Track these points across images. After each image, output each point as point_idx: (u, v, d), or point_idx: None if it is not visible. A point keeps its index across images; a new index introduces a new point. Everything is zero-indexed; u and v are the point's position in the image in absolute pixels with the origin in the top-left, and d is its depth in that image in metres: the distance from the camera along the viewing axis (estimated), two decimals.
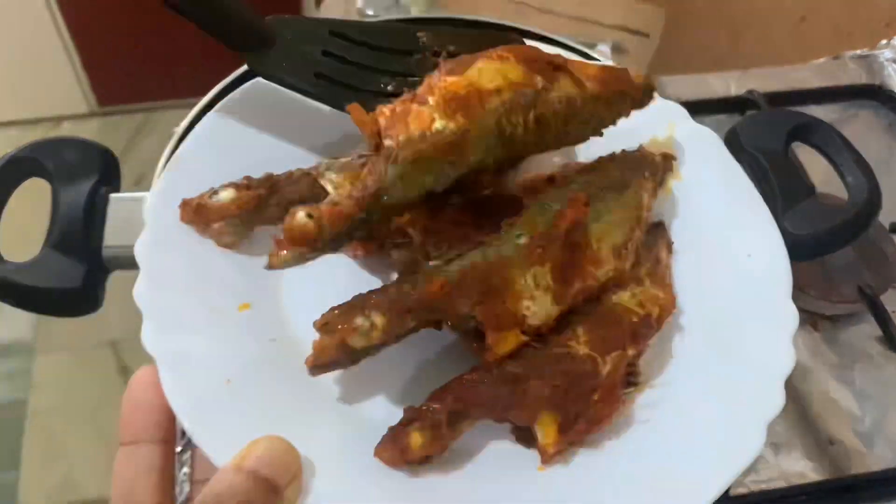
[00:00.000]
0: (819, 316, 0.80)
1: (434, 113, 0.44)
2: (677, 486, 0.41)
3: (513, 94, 0.47)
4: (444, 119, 0.44)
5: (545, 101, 0.48)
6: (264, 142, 0.55)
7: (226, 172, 0.51)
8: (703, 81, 1.01)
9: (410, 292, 0.42)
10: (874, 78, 1.01)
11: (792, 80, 1.01)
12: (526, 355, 0.44)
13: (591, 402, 0.43)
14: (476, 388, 0.43)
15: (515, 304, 0.44)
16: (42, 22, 2.10)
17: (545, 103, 0.48)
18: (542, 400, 0.42)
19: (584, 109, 0.51)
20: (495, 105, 0.46)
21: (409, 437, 0.41)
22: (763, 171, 0.66)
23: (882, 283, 0.79)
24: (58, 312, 0.57)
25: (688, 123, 0.59)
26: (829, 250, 0.67)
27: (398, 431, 0.41)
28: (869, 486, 0.67)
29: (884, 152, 0.95)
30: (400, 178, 0.44)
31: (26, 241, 0.59)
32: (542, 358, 0.44)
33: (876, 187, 0.63)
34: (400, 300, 0.42)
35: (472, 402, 0.42)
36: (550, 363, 0.44)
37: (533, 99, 0.48)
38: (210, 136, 0.54)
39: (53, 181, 0.57)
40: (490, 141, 0.46)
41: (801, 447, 0.71)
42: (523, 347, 0.44)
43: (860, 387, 0.75)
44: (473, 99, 0.45)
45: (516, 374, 0.43)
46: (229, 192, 0.48)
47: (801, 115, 0.69)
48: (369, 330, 0.41)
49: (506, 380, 0.43)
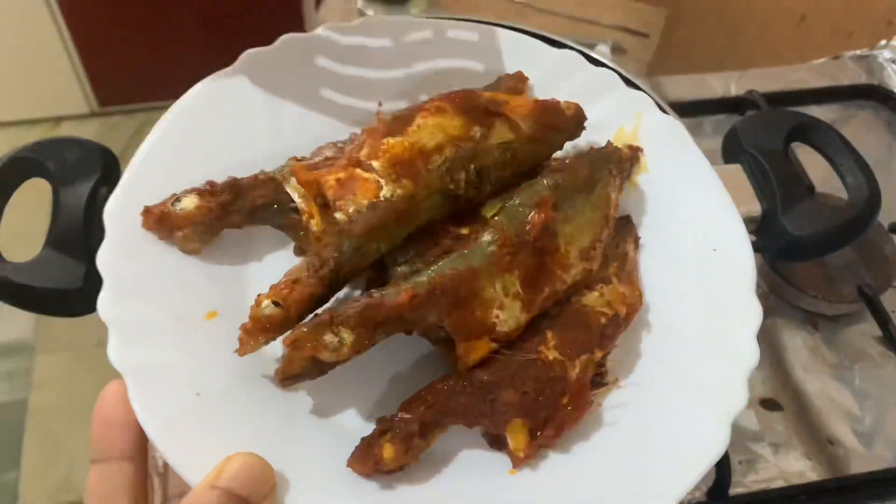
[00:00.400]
0: (819, 316, 0.80)
1: (380, 179, 0.45)
2: (646, 485, 0.42)
3: (454, 149, 0.47)
4: (390, 185, 0.45)
5: (485, 151, 0.49)
6: (226, 144, 0.54)
7: (187, 175, 0.50)
8: (702, 81, 1.01)
9: (379, 306, 0.42)
10: (874, 78, 1.01)
11: (791, 80, 1.01)
12: (496, 363, 0.44)
13: (561, 406, 0.44)
14: (447, 398, 0.43)
15: (485, 313, 0.44)
16: (42, 22, 2.10)
17: (485, 153, 0.49)
18: (512, 407, 0.43)
19: (521, 152, 0.51)
20: (438, 164, 0.47)
21: (382, 448, 0.41)
22: (763, 171, 0.66)
23: (882, 283, 0.79)
24: (58, 312, 0.57)
25: (654, 114, 0.59)
26: (829, 250, 0.67)
27: (370, 443, 0.41)
28: (868, 485, 0.67)
29: (883, 152, 0.95)
30: (355, 249, 0.44)
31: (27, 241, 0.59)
32: (512, 365, 0.44)
33: (875, 187, 0.63)
34: (369, 315, 0.42)
35: (443, 412, 0.43)
36: (520, 370, 0.44)
37: (473, 152, 0.48)
38: (169, 139, 0.53)
39: (54, 181, 0.57)
40: (436, 200, 0.47)
41: (801, 447, 0.71)
42: (493, 354, 0.45)
43: (860, 387, 0.75)
44: (417, 161, 0.46)
45: (487, 382, 0.43)
46: (192, 200, 0.47)
47: (800, 115, 0.69)
48: (338, 346, 0.41)
49: (477, 388, 0.43)
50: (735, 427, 0.70)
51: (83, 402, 1.77)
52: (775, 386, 0.75)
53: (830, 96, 0.99)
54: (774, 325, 0.80)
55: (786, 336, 0.79)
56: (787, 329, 0.79)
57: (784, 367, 0.77)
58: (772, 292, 0.82)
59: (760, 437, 0.71)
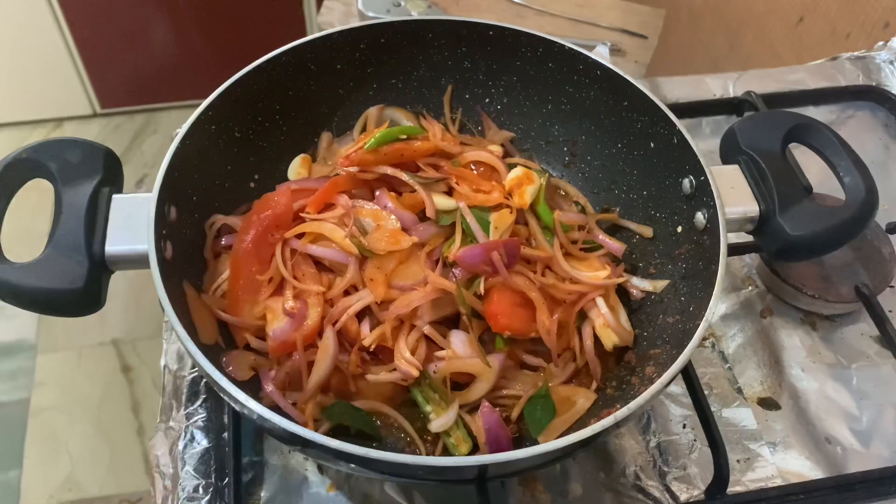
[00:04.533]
0: (817, 315, 0.81)
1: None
2: None
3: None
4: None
5: None
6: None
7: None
8: (701, 82, 1.01)
9: None
10: (871, 79, 1.02)
11: (789, 81, 1.01)
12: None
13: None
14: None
15: None
16: (45, 25, 2.11)
17: None
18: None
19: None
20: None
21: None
22: (760, 172, 0.66)
23: (879, 283, 0.79)
24: (60, 312, 0.58)
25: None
26: (827, 250, 0.68)
27: None
28: (866, 484, 0.67)
29: (881, 153, 0.95)
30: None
31: (29, 241, 0.59)
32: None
33: (873, 188, 0.64)
34: None
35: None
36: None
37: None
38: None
39: (56, 182, 0.57)
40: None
41: (799, 446, 0.71)
42: None
43: (857, 386, 0.76)
44: None
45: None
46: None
47: (798, 116, 0.69)
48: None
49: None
50: (733, 426, 0.72)
51: (85, 401, 1.78)
52: (773, 385, 0.75)
53: (828, 97, 0.99)
54: (772, 325, 0.80)
55: (784, 336, 0.79)
56: (784, 329, 0.80)
57: (782, 366, 0.77)
58: (770, 292, 0.82)
59: (759, 436, 0.72)
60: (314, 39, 0.74)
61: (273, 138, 0.76)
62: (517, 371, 0.66)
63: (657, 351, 0.64)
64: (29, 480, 1.67)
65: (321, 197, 0.68)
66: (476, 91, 0.81)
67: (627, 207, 0.76)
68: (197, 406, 0.70)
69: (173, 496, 0.65)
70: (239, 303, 0.65)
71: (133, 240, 0.59)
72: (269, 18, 2.20)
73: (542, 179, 0.71)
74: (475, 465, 0.52)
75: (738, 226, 0.65)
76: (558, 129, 0.80)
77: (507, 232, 0.67)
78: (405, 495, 0.66)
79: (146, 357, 1.83)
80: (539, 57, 0.77)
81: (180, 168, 0.63)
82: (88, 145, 0.61)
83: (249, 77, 0.70)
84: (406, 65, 0.80)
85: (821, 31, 1.19)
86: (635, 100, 0.71)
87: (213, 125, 0.68)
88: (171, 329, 0.63)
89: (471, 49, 0.79)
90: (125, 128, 2.37)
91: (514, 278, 0.64)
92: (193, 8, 2.16)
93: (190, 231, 0.67)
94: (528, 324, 0.64)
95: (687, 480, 0.68)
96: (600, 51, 1.15)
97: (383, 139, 0.68)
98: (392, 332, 0.63)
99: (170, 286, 0.56)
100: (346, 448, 0.49)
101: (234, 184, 0.73)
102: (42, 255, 0.55)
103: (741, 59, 1.38)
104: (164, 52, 2.25)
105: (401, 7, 1.26)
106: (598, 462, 0.69)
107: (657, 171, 0.72)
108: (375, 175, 0.69)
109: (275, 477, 0.67)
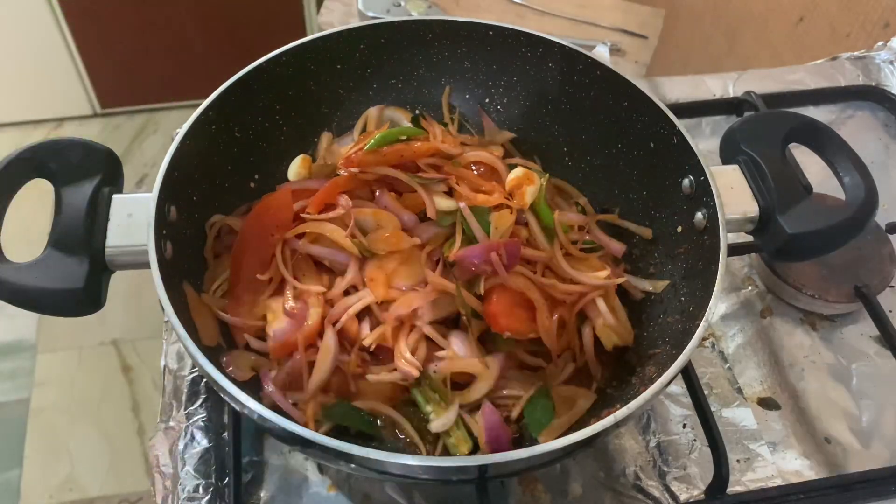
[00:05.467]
0: (816, 315, 0.81)
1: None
2: None
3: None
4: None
5: None
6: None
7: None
8: (701, 82, 1.01)
9: None
10: (871, 79, 1.02)
11: (789, 81, 1.01)
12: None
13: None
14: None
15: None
16: (46, 25, 2.11)
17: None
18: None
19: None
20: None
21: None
22: (760, 172, 0.66)
23: (879, 282, 0.79)
24: (60, 312, 0.58)
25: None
26: (827, 250, 0.68)
27: None
28: (866, 484, 0.67)
29: (880, 153, 0.95)
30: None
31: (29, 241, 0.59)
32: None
33: (873, 188, 0.64)
34: None
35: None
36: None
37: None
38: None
39: (56, 182, 0.57)
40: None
41: (799, 446, 0.71)
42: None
43: (857, 386, 0.76)
44: None
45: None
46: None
47: (798, 117, 0.69)
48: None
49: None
50: (733, 426, 0.72)
51: (85, 401, 1.78)
52: (773, 385, 0.75)
53: (828, 97, 0.99)
54: (772, 325, 0.80)
55: (784, 335, 0.79)
56: (784, 328, 0.80)
57: (782, 366, 0.77)
58: (770, 292, 0.82)
59: (758, 435, 0.72)
60: (314, 39, 0.74)
61: (273, 138, 0.76)
62: (517, 371, 0.66)
63: (657, 351, 0.64)
64: (29, 480, 1.67)
65: (322, 197, 0.68)
66: (476, 91, 0.81)
67: (627, 207, 0.76)
68: (197, 406, 0.70)
69: (173, 496, 0.65)
70: (239, 303, 0.65)
71: (133, 240, 0.59)
72: (269, 18, 2.20)
73: (542, 180, 0.71)
74: (475, 465, 0.52)
75: (738, 226, 0.65)
76: (558, 129, 0.80)
77: (508, 232, 0.67)
78: (405, 495, 0.66)
79: (146, 357, 1.83)
80: (539, 57, 0.77)
81: (180, 168, 0.63)
82: (88, 145, 0.61)
83: (249, 77, 0.70)
84: (406, 65, 0.80)
85: (821, 31, 1.19)
86: (635, 100, 0.71)
87: (213, 125, 0.68)
88: (171, 329, 0.63)
89: (471, 49, 0.79)
90: (125, 128, 2.37)
91: (514, 279, 0.64)
92: (193, 8, 2.16)
93: (190, 231, 0.67)
94: (528, 324, 0.64)
95: (687, 480, 0.68)
96: (600, 51, 1.15)
97: (384, 140, 0.68)
98: (392, 333, 0.63)
99: (170, 286, 0.56)
100: (347, 448, 0.49)
101: (234, 184, 0.72)
102: (42, 255, 0.55)
103: (741, 59, 1.38)
104: (164, 51, 2.25)
105: (401, 7, 1.26)
106: (598, 462, 0.69)
107: (657, 171, 0.72)
108: (376, 175, 0.69)
109: (275, 477, 0.67)
